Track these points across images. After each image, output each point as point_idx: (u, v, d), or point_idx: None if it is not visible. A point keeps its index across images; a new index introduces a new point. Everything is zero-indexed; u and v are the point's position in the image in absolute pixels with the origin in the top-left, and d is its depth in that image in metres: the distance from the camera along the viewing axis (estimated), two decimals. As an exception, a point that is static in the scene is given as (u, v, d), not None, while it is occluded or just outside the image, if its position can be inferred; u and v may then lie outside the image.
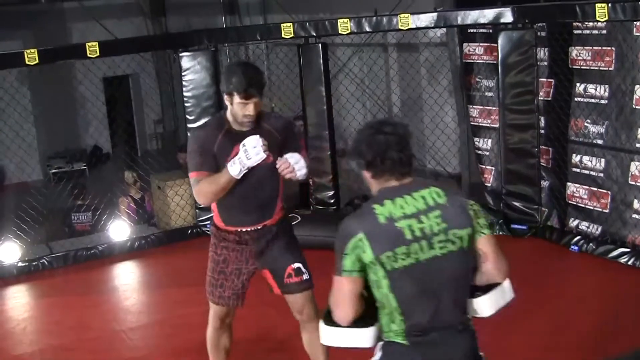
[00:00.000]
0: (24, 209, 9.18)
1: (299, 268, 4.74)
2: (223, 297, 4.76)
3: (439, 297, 3.13)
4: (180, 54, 8.76)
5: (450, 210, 3.15)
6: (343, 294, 3.15)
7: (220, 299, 4.78)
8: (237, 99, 4.32)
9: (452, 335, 3.17)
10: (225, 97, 4.41)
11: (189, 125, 8.72)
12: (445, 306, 3.14)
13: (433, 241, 3.10)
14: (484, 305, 3.29)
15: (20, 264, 8.27)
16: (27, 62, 7.99)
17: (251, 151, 4.28)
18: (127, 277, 8.23)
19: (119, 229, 8.85)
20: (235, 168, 4.34)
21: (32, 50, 7.99)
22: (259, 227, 4.66)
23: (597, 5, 6.84)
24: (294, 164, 4.38)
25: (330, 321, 3.24)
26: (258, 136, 4.33)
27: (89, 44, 8.21)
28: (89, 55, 8.23)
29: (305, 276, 4.74)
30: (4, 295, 7.83)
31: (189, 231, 8.95)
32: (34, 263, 8.23)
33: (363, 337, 3.25)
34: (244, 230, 4.66)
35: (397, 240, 3.08)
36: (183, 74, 8.76)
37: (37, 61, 8.00)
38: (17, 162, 12.85)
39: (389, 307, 3.15)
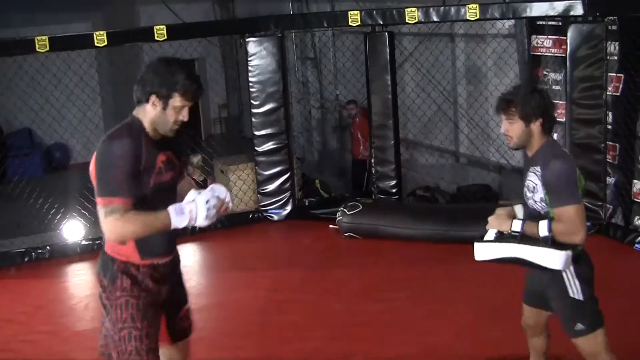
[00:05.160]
0: (88, 189, 9.29)
1: (189, 309, 4.08)
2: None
3: None
4: (247, 40, 8.82)
5: None
6: (583, 219, 3.77)
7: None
8: (177, 101, 3.56)
9: None
10: (154, 98, 3.57)
11: (254, 111, 8.78)
12: None
13: None
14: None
15: (83, 242, 8.46)
16: (96, 44, 8.14)
17: (212, 209, 3.61)
18: (188, 259, 8.25)
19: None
20: (183, 220, 3.57)
21: (101, 32, 8.11)
22: (171, 258, 3.93)
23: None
24: (226, 200, 3.78)
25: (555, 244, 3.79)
26: (225, 188, 3.65)
27: (157, 27, 8.31)
28: (156, 38, 8.33)
29: (190, 317, 4.08)
30: (67, 273, 8.01)
31: (250, 215, 8.89)
32: (97, 242, 8.34)
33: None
34: (160, 263, 3.83)
35: None
36: (249, 59, 8.82)
37: (105, 43, 8.12)
38: (83, 143, 13.04)
39: None
